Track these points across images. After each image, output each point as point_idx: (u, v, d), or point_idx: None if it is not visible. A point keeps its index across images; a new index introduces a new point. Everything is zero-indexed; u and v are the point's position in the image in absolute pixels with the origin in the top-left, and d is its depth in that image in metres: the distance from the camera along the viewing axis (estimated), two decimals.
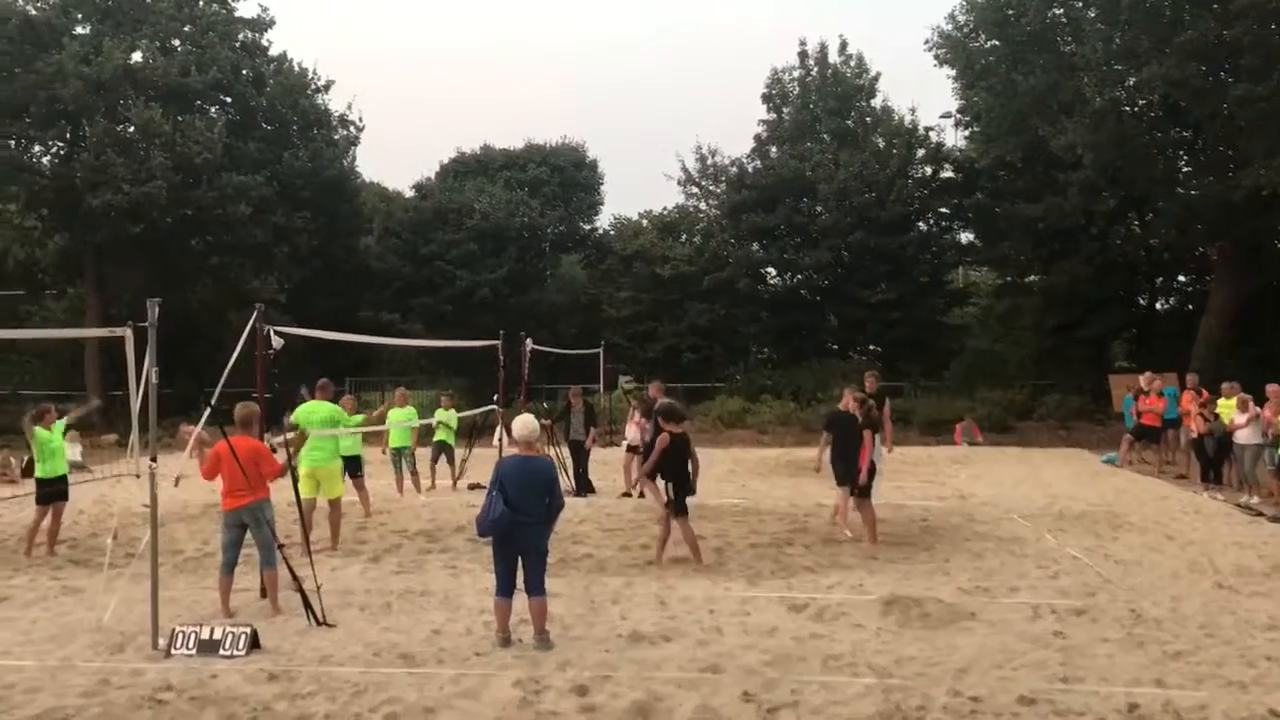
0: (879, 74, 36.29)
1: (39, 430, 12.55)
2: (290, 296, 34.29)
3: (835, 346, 35.62)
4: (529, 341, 18.88)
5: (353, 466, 14.12)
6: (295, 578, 8.87)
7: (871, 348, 34.75)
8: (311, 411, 12.32)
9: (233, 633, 7.95)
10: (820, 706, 6.70)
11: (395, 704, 6.81)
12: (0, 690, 7.09)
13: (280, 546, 9.09)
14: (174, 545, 12.50)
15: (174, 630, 8.04)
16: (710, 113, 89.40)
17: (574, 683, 7.17)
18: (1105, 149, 25.34)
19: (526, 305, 33.02)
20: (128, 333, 7.82)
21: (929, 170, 35.44)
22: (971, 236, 35.99)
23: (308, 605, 8.75)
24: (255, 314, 9.71)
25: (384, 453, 17.92)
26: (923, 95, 55.47)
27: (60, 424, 12.96)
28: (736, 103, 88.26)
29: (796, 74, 36.89)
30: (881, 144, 35.07)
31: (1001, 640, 8.11)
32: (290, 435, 10.12)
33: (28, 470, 20.84)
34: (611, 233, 39.41)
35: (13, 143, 29.57)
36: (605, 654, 7.86)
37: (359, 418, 17.33)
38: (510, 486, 8.02)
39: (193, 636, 7.94)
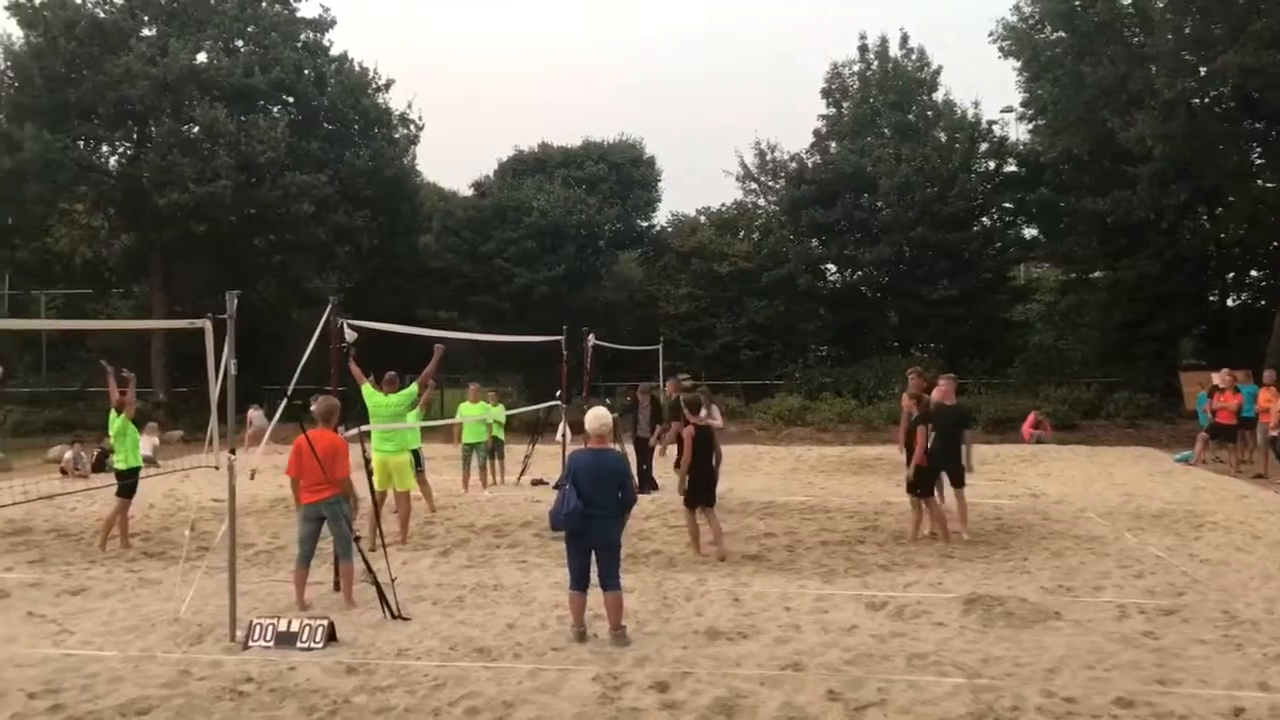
0: (940, 67, 35.89)
1: (111, 416, 12.74)
2: (350, 295, 34.56)
3: (896, 344, 35.16)
4: (591, 337, 18.81)
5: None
6: (370, 571, 8.86)
7: (933, 345, 34.21)
8: (380, 405, 12.33)
9: (310, 625, 7.94)
10: (908, 706, 6.53)
11: (474, 698, 6.75)
12: (84, 680, 7.13)
13: (356, 539, 9.08)
14: (245, 539, 12.55)
15: (251, 622, 8.05)
16: (769, 108, 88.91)
17: (653, 679, 7.06)
18: (1176, 141, 24.75)
19: (584, 302, 32.95)
20: (207, 325, 7.84)
21: (992, 165, 34.91)
22: (1035, 232, 35.34)
23: (383, 598, 8.73)
24: (329, 307, 9.72)
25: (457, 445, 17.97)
26: (986, 88, 54.65)
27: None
28: (795, 98, 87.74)
29: (856, 68, 36.58)
30: (943, 138, 34.60)
31: (1091, 640, 7.88)
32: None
33: (98, 465, 21.23)
34: (669, 230, 39.25)
35: (81, 143, 30.05)
36: (683, 650, 7.76)
37: (494, 408, 17.52)
38: (583, 480, 7.96)
39: (270, 629, 7.95)
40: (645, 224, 39.31)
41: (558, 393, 18.05)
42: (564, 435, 18.32)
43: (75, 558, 11.84)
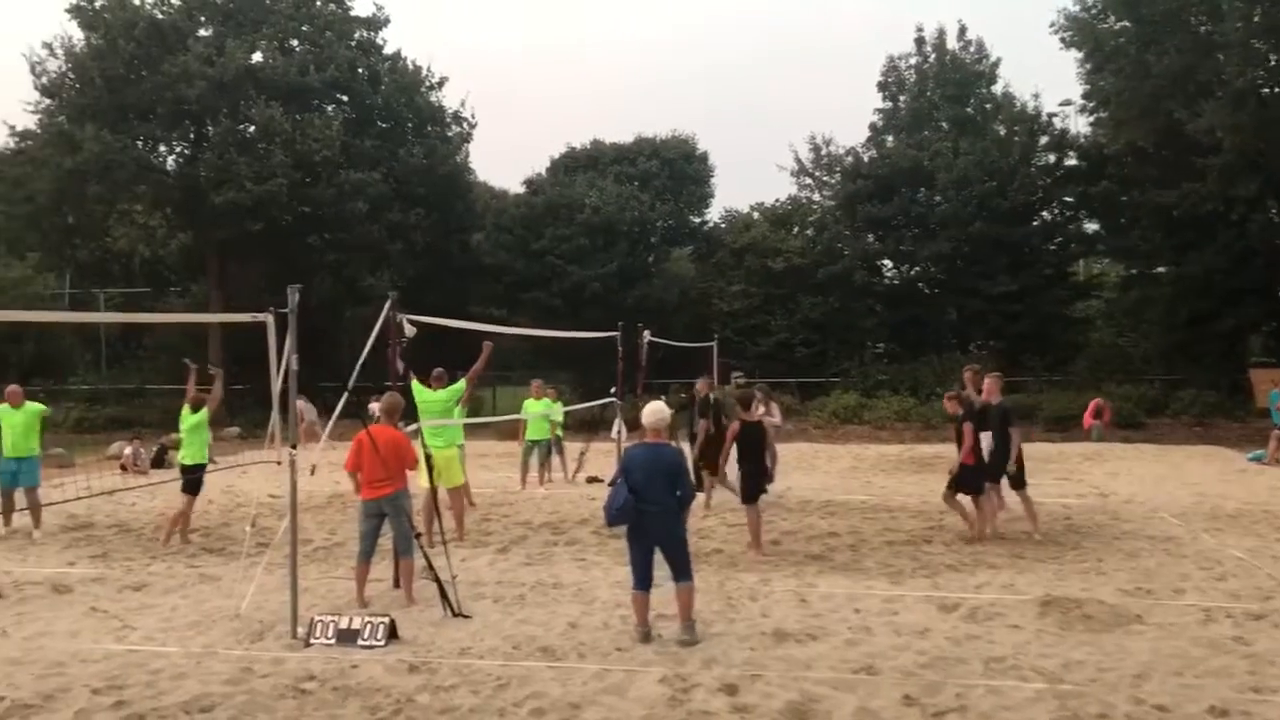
0: (999, 59, 35.29)
1: (185, 413, 12.79)
2: (402, 292, 34.60)
3: (954, 340, 34.60)
4: (646, 334, 18.62)
5: None
6: (431, 567, 8.74)
7: (992, 343, 33.60)
8: (428, 400, 12.24)
9: (371, 622, 7.83)
10: (989, 712, 6.29)
11: (539, 699, 6.60)
12: (148, 676, 7.07)
13: (417, 536, 8.96)
14: (304, 535, 12.42)
15: (313, 619, 7.96)
16: (824, 102, 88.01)
17: (722, 681, 6.87)
18: (1246, 132, 24.09)
19: (636, 300, 32.74)
20: (269, 318, 7.75)
21: (1052, 158, 34.20)
22: (1096, 226, 34.58)
23: (444, 596, 8.61)
24: (389, 302, 9.62)
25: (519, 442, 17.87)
26: (1046, 81, 53.61)
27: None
28: (851, 91, 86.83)
29: (913, 61, 36.07)
30: (1002, 131, 33.99)
31: (1177, 645, 7.56)
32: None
33: (157, 461, 21.44)
34: (722, 225, 38.87)
35: (140, 143, 30.38)
36: (750, 651, 7.56)
37: (554, 405, 17.46)
38: (636, 474, 7.83)
39: (332, 626, 7.85)
40: (698, 220, 39.00)
41: (612, 389, 17.90)
42: (619, 432, 18.15)
43: (136, 553, 11.87)
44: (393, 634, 7.83)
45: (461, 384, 12.43)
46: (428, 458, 9.81)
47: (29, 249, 36.93)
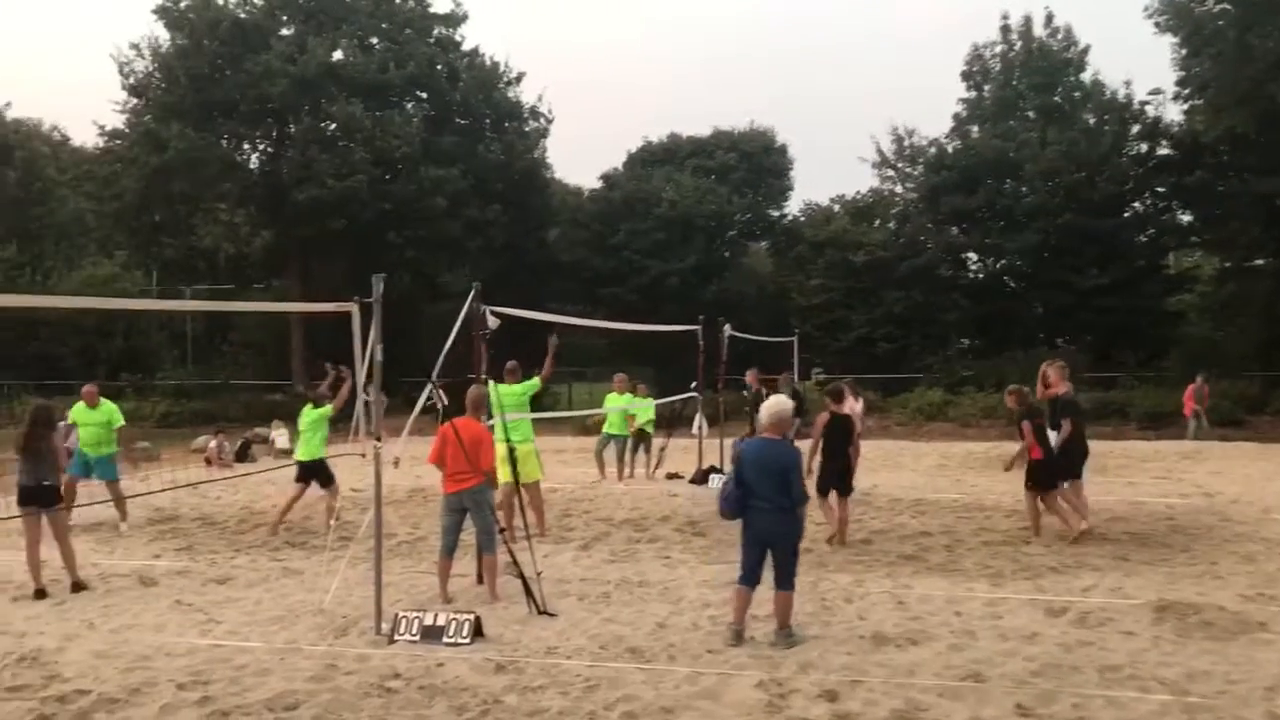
0: (1089, 46, 34.27)
1: (306, 409, 12.82)
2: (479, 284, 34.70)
3: (1040, 335, 33.69)
4: (728, 328, 18.29)
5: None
6: (515, 563, 8.54)
7: (1084, 336, 32.63)
8: (504, 394, 12.08)
9: (456, 620, 7.64)
10: None
11: (631, 702, 6.34)
12: (232, 671, 6.95)
13: (501, 531, 8.75)
14: (386, 529, 12.29)
15: (397, 615, 7.79)
16: (905, 93, 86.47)
17: (821, 687, 6.54)
18: None
19: (713, 294, 32.43)
20: (354, 308, 7.61)
21: (1144, 147, 33.12)
22: (1190, 217, 33.42)
23: (529, 593, 8.40)
24: (472, 293, 9.44)
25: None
26: (1138, 68, 51.62)
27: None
28: (932, 82, 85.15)
29: (998, 49, 35.20)
30: (1092, 121, 33.00)
31: None
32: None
33: (241, 455, 21.66)
34: (801, 219, 38.33)
35: (224, 141, 30.81)
36: (848, 656, 7.21)
37: (643, 401, 17.27)
38: (749, 471, 7.55)
39: (416, 622, 7.67)
40: (776, 213, 38.51)
41: (693, 384, 17.61)
42: (700, 428, 17.88)
43: (221, 546, 11.87)
44: (478, 632, 7.63)
45: (536, 381, 12.28)
46: (510, 451, 9.61)
47: (117, 247, 37.76)
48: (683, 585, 9.39)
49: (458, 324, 9.19)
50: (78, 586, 9.42)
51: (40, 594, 9.19)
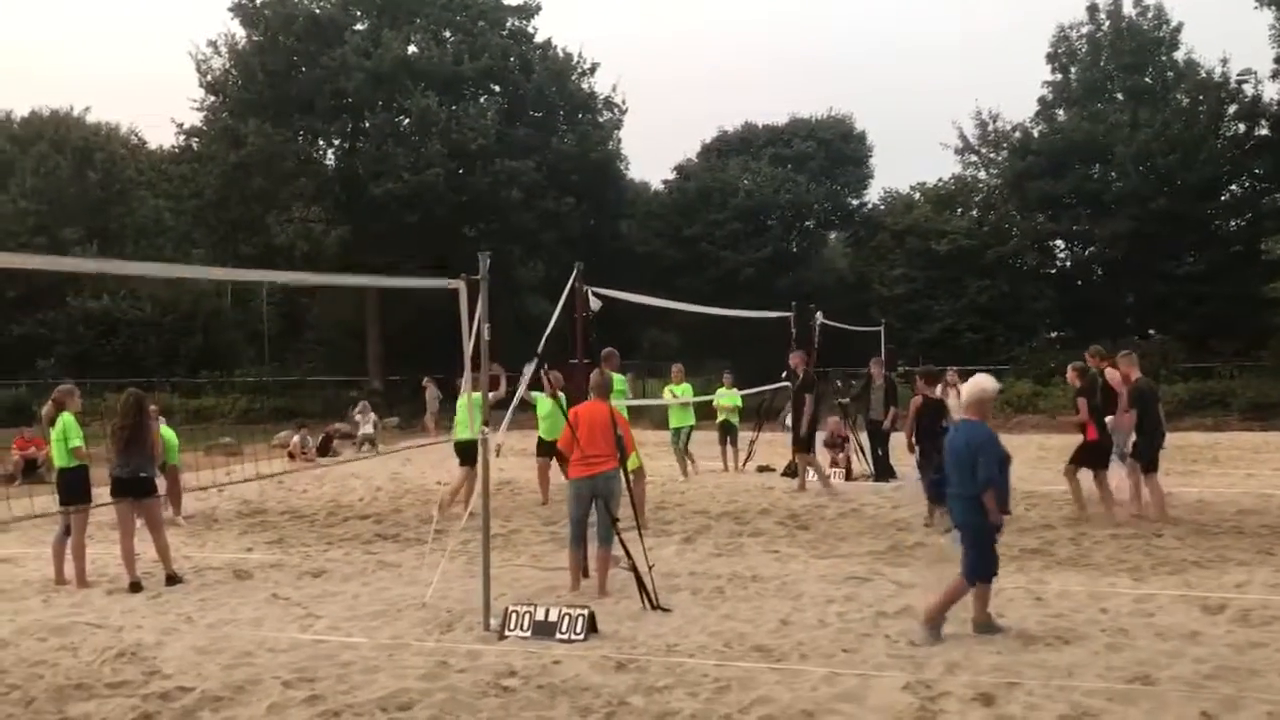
0: (1181, 24, 33.03)
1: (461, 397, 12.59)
2: (554, 283, 34.44)
3: (1130, 323, 32.55)
4: (819, 315, 17.70)
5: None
6: (629, 555, 8.07)
7: (1179, 327, 31.43)
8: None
9: (569, 614, 7.20)
10: None
11: (767, 704, 5.84)
12: (338, 669, 6.58)
13: (614, 521, 8.28)
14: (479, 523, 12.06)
15: (507, 610, 7.37)
16: (987, 77, 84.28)
17: (975, 689, 5.99)
18: None
19: (790, 285, 31.74)
20: (461, 285, 7.23)
21: (1242, 128, 31.80)
22: None
23: (641, 587, 7.94)
24: (575, 273, 9.02)
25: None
26: (1234, 45, 49.48)
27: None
28: (1016, 65, 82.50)
29: (1085, 30, 34.08)
30: (1185, 101, 31.76)
31: None
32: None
33: (323, 449, 21.54)
34: (881, 207, 37.45)
35: (301, 136, 30.82)
36: (997, 656, 6.64)
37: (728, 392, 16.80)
38: (948, 456, 7.21)
39: (527, 617, 7.25)
40: (856, 202, 37.65)
41: (784, 374, 17.02)
42: (785, 418, 17.30)
43: (311, 539, 11.60)
44: (592, 627, 7.19)
45: (625, 384, 11.99)
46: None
47: (194, 246, 38.07)
48: (799, 580, 8.88)
49: (560, 303, 8.76)
50: (172, 579, 9.17)
51: (135, 587, 8.94)
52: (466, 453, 12.37)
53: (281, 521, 12.97)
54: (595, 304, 9.19)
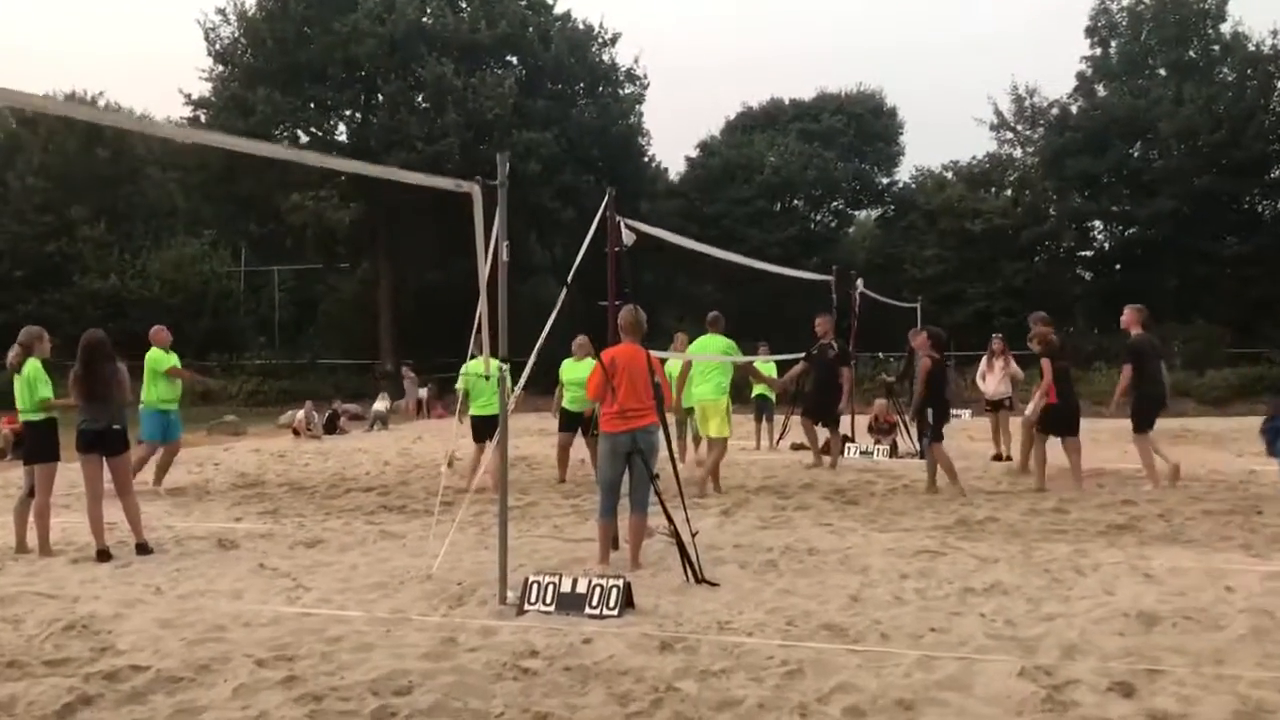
0: None
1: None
2: (570, 268, 33.14)
3: (1174, 307, 31.16)
4: (860, 283, 16.52)
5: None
6: (670, 520, 6.92)
7: (1225, 311, 30.04)
8: (704, 345, 11.03)
9: (601, 586, 6.06)
10: None
11: (851, 692, 4.71)
12: (324, 645, 5.46)
13: (654, 478, 7.10)
14: (492, 493, 10.94)
15: (527, 580, 6.24)
16: (1023, 52, 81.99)
17: (1106, 676, 4.83)
18: None
19: (819, 266, 30.43)
20: (475, 189, 6.11)
21: None
22: None
23: (684, 557, 6.80)
24: (606, 199, 7.88)
25: None
26: None
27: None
28: (1054, 38, 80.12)
29: (1126, 2, 32.66)
30: (1232, 76, 30.38)
31: None
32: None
33: (329, 426, 20.50)
34: (913, 185, 35.98)
35: (312, 106, 29.68)
36: (1121, 638, 5.48)
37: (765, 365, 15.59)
38: None
39: (550, 589, 6.12)
40: (886, 180, 36.26)
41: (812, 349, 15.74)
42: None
43: (309, 510, 10.49)
44: (629, 601, 6.05)
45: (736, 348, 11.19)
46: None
47: (205, 226, 37.06)
48: (863, 554, 7.72)
49: (589, 233, 7.63)
50: (143, 549, 8.05)
51: (103, 555, 7.84)
52: (482, 429, 11.40)
53: (279, 493, 11.87)
54: (629, 237, 8.05)
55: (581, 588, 6.10)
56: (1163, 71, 31.48)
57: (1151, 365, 11.12)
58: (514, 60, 31.62)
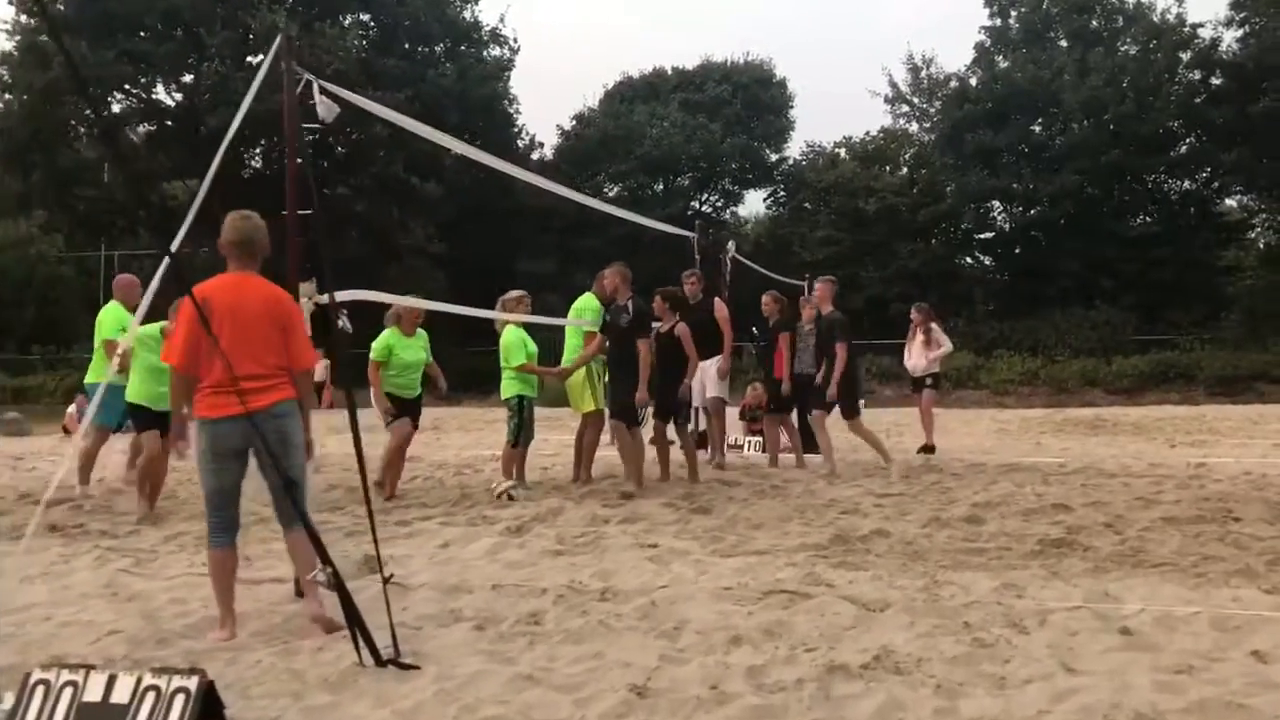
0: None
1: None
2: (445, 246, 30.14)
3: (1073, 289, 29.38)
4: (732, 245, 13.92)
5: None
6: (329, 565, 4.07)
7: (1130, 295, 28.30)
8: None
9: (158, 689, 3.21)
10: None
11: None
12: None
13: (293, 487, 4.23)
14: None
15: (27, 681, 3.31)
16: (918, 22, 79.93)
17: None
18: None
19: (707, 247, 28.07)
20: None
21: (1196, 76, 28.81)
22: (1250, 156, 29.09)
23: (353, 626, 3.97)
24: (277, 42, 5.08)
25: None
26: None
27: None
28: (951, 9, 78.13)
29: None
30: (1135, 50, 28.68)
31: None
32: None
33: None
34: (803, 163, 33.53)
35: (126, 61, 25.99)
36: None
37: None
38: None
39: (68, 694, 3.24)
40: (775, 156, 33.72)
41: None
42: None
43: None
44: (209, 715, 3.21)
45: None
46: None
47: (21, 204, 33.04)
48: (683, 598, 5.01)
49: (253, 86, 4.84)
50: None
51: None
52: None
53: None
54: (325, 111, 5.27)
55: (122, 694, 3.25)
56: (1064, 43, 29.66)
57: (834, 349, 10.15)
58: (366, 17, 28.39)
